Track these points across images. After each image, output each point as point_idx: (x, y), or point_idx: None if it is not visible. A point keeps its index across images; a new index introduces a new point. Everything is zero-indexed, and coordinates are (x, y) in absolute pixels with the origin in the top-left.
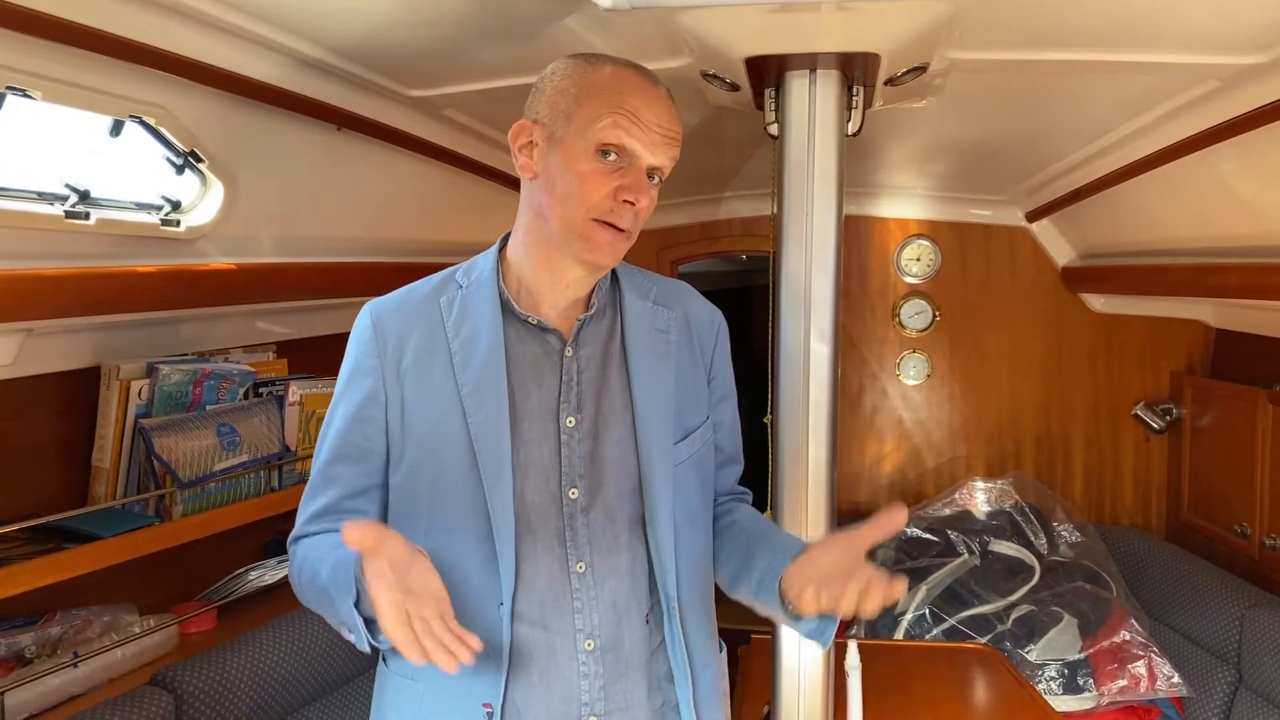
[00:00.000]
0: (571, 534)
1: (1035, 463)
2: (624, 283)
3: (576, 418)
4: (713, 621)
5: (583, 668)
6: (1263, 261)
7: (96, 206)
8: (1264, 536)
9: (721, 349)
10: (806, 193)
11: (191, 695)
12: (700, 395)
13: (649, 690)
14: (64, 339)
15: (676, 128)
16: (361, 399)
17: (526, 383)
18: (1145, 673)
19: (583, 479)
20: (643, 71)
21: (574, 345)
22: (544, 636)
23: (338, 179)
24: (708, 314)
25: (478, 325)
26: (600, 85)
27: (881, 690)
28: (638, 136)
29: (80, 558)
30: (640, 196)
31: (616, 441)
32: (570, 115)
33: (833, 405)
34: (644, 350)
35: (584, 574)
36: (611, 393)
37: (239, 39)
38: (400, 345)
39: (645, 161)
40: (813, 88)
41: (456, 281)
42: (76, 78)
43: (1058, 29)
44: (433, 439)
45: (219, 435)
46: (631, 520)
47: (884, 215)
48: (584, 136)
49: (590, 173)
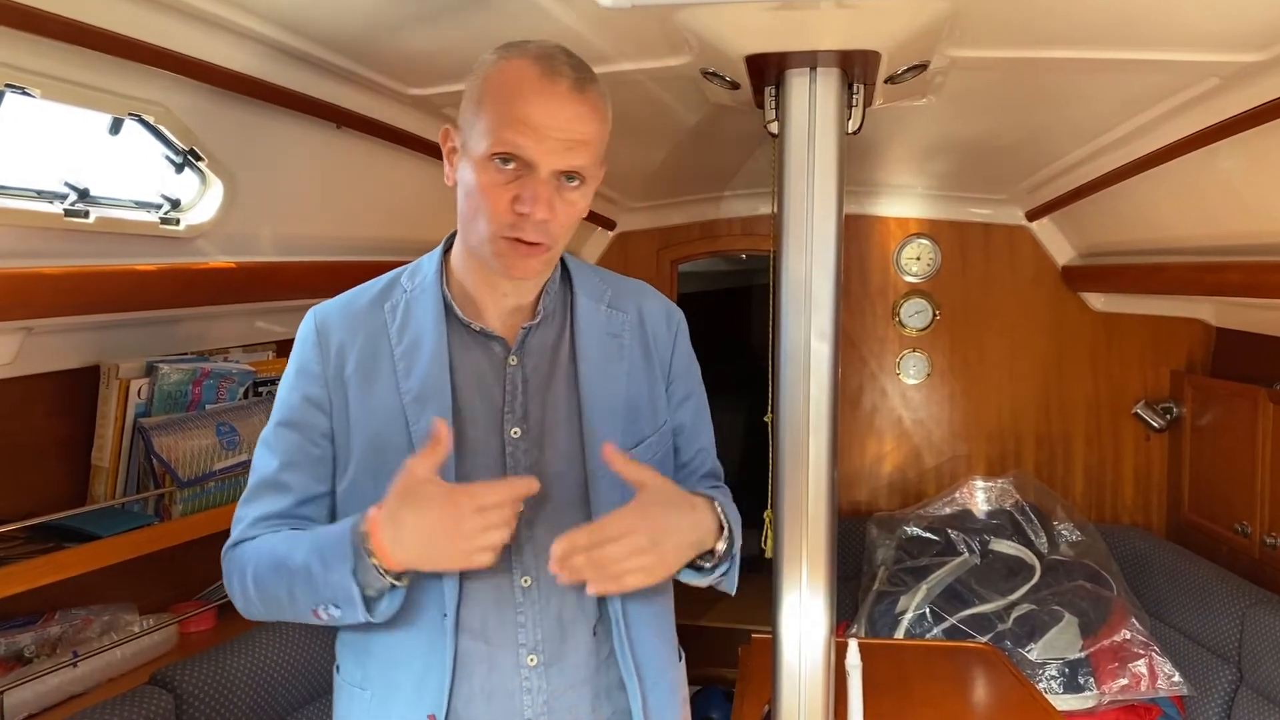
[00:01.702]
0: (517, 547)
1: (1035, 462)
2: (577, 285)
3: (521, 428)
4: (668, 629)
5: (525, 682)
6: (1263, 260)
7: (96, 205)
8: (1264, 535)
9: (681, 349)
10: (807, 191)
11: (191, 695)
12: (657, 399)
13: (594, 701)
14: (63, 338)
15: (583, 128)
16: (303, 404)
17: (470, 392)
18: (1146, 672)
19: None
20: (545, 65)
21: (519, 354)
22: (486, 650)
23: (337, 178)
24: (664, 314)
25: (421, 332)
26: (496, 87)
27: (882, 689)
28: (528, 145)
29: (79, 557)
30: (537, 208)
31: (563, 452)
32: (473, 122)
33: (833, 404)
34: (595, 356)
35: (529, 588)
36: (558, 402)
37: (239, 36)
38: (343, 352)
39: (544, 170)
40: (813, 85)
41: (402, 285)
42: (75, 75)
43: (1059, 26)
44: (375, 448)
45: (219, 434)
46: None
47: (884, 214)
48: (481, 145)
49: (489, 185)
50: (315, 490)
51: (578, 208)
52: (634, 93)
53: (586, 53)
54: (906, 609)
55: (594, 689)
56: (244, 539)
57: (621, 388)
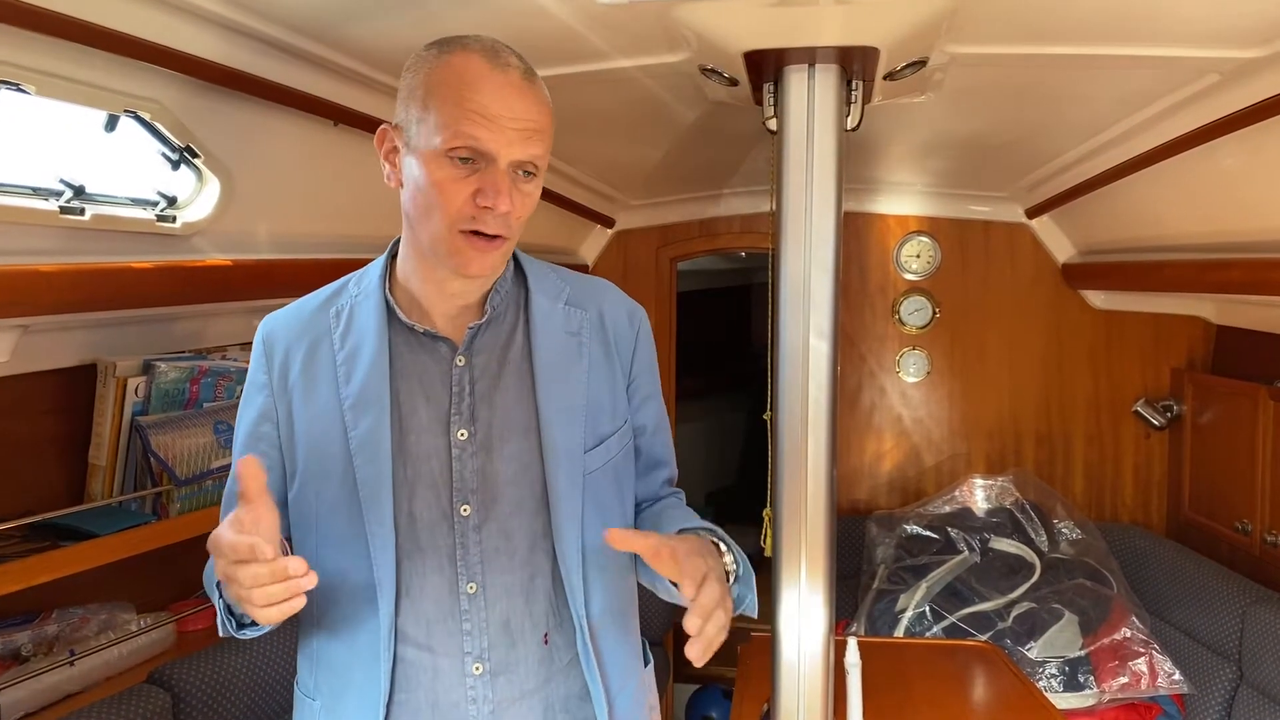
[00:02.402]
0: (463, 553)
1: (1035, 460)
2: (532, 284)
3: (469, 430)
4: (634, 636)
5: (470, 692)
6: (1264, 257)
7: (92, 202)
8: (1265, 533)
9: (643, 348)
10: (806, 188)
11: (188, 693)
12: (617, 399)
13: (545, 713)
14: (60, 336)
15: (536, 114)
16: (255, 416)
17: (415, 395)
18: (1146, 670)
19: (475, 494)
20: (492, 57)
21: (466, 354)
22: (429, 659)
23: (334, 175)
24: (626, 312)
25: (363, 337)
26: (444, 81)
27: (881, 688)
28: (486, 135)
29: (77, 556)
30: (499, 200)
31: (515, 454)
32: (420, 119)
33: (832, 403)
34: (551, 355)
35: (475, 595)
36: (509, 403)
37: (236, 32)
38: (288, 359)
39: (503, 161)
40: (811, 82)
41: (349, 290)
42: (71, 72)
43: (1058, 23)
44: (316, 455)
45: (216, 433)
46: (535, 536)
47: (883, 212)
48: (433, 141)
49: (445, 180)
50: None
51: (533, 199)
52: (632, 90)
53: (584, 49)
54: (906, 607)
55: (545, 700)
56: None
57: (581, 387)
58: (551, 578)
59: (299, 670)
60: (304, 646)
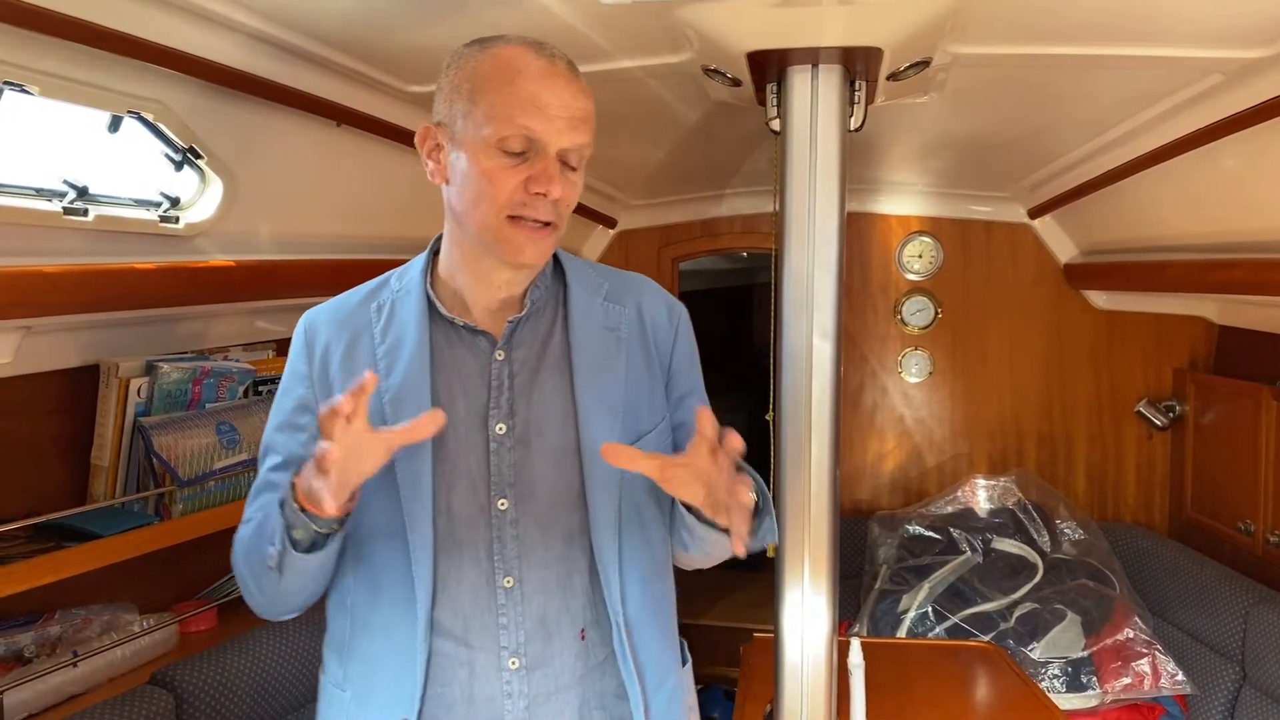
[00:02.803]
0: (500, 547)
1: (1038, 460)
2: (571, 279)
3: (507, 424)
4: (671, 635)
5: (506, 686)
6: (1266, 257)
7: (95, 203)
8: (1268, 533)
9: (682, 345)
10: (808, 189)
11: (191, 694)
12: (656, 395)
13: (581, 709)
14: (62, 337)
15: (582, 103)
16: (293, 406)
17: (454, 389)
18: (1149, 670)
19: (512, 489)
20: (536, 48)
21: (505, 348)
22: (466, 653)
23: (337, 175)
24: (665, 308)
25: (404, 331)
26: (491, 74)
27: (884, 688)
28: (538, 124)
29: (79, 556)
30: (552, 187)
31: (553, 449)
32: (467, 112)
33: (835, 403)
34: (590, 350)
35: (511, 589)
36: (548, 397)
37: (239, 33)
38: (328, 352)
39: (552, 149)
40: (815, 82)
41: (390, 285)
42: (74, 73)
43: (1061, 23)
44: None
45: (219, 433)
46: (570, 531)
47: (886, 212)
48: (483, 133)
49: (495, 170)
50: None
51: (577, 188)
52: (635, 90)
53: (587, 49)
54: (909, 608)
55: (581, 695)
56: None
57: (619, 382)
58: (588, 574)
59: (326, 661)
60: (333, 637)
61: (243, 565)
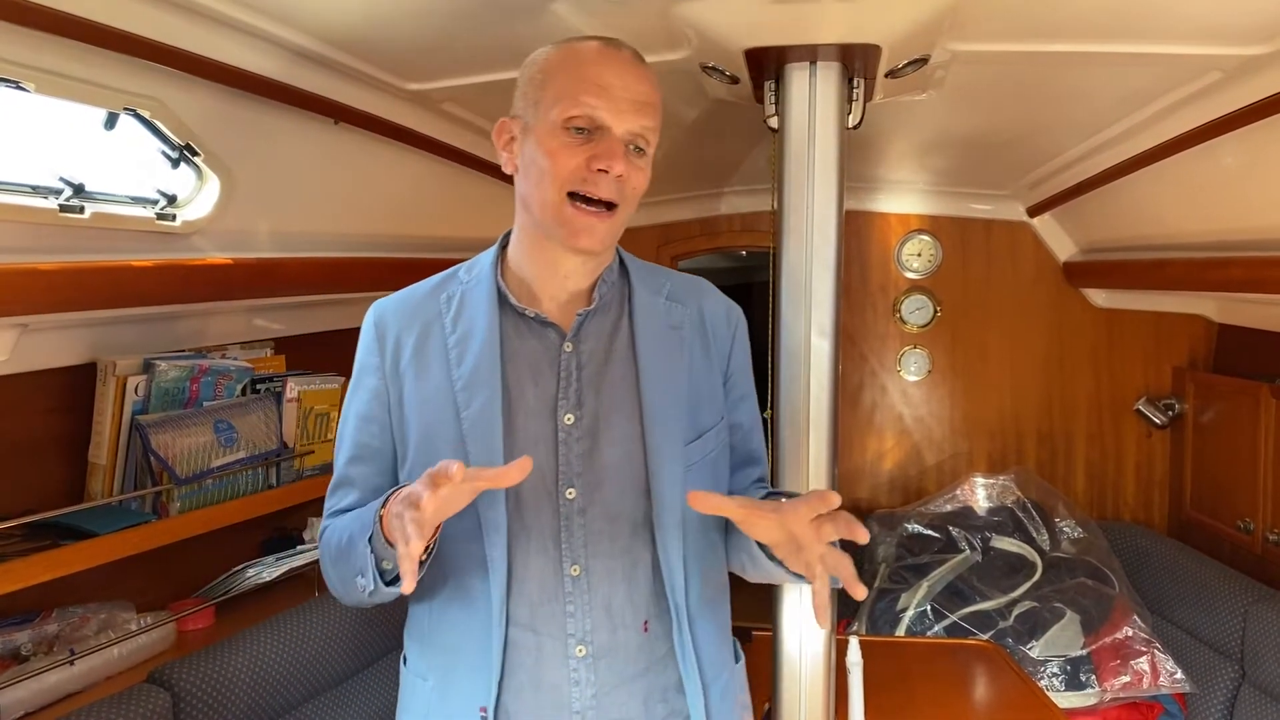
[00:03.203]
0: (567, 535)
1: (1037, 458)
2: (635, 278)
3: (575, 415)
4: (726, 631)
5: (573, 674)
6: (1266, 255)
7: (91, 200)
8: (1267, 532)
9: (740, 347)
10: (807, 186)
11: (188, 693)
12: (715, 395)
13: (646, 700)
14: (60, 334)
15: (648, 90)
16: (367, 398)
17: (523, 379)
18: (1148, 669)
19: (580, 478)
20: (607, 39)
21: (574, 340)
22: (534, 640)
23: (335, 173)
24: (725, 310)
25: (474, 321)
26: (561, 63)
27: (883, 687)
28: (602, 104)
29: (77, 555)
30: (614, 163)
31: (619, 440)
32: (537, 100)
33: (833, 402)
34: (654, 347)
35: (578, 577)
36: (615, 390)
37: (235, 31)
38: (399, 342)
39: (616, 130)
40: (813, 80)
41: (459, 278)
42: (70, 70)
43: (1060, 20)
44: (428, 435)
45: (216, 432)
46: (635, 523)
47: (885, 210)
48: (550, 115)
49: (559, 148)
50: (377, 483)
51: (644, 175)
52: None
53: None
54: (908, 606)
55: (645, 687)
56: (325, 527)
57: (683, 379)
58: (651, 567)
59: (407, 652)
60: (414, 628)
61: (330, 570)
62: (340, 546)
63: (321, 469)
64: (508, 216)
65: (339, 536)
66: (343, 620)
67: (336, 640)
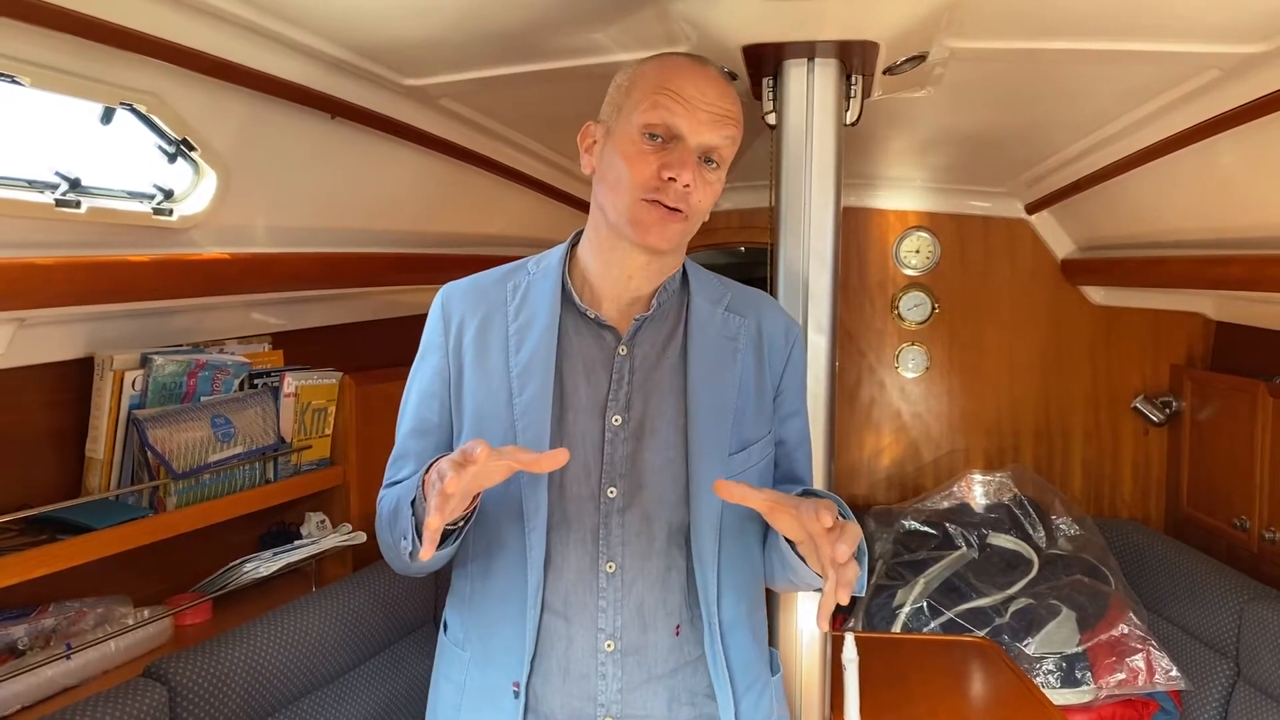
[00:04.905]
0: (605, 532)
1: (1034, 456)
2: (695, 287)
3: (623, 416)
4: (762, 643)
5: (601, 667)
6: (1264, 253)
7: (88, 195)
8: (1263, 530)
9: (795, 365)
10: (804, 183)
11: (185, 687)
12: (764, 409)
13: (670, 702)
14: (56, 329)
15: (728, 105)
16: (430, 375)
17: (577, 375)
18: (1143, 666)
19: (623, 479)
20: (692, 55)
21: (629, 344)
22: (565, 627)
23: (332, 169)
24: (783, 326)
25: (536, 311)
26: (647, 72)
27: (879, 683)
28: (680, 113)
29: (73, 549)
30: (683, 172)
31: (663, 446)
32: (621, 105)
33: (831, 398)
34: (706, 356)
35: (613, 574)
36: (663, 396)
37: (231, 25)
38: (463, 324)
39: (692, 140)
40: (811, 76)
41: (527, 269)
42: (66, 64)
43: (1058, 17)
44: (481, 416)
45: (213, 427)
46: (673, 528)
47: (883, 207)
48: (630, 122)
49: (635, 154)
50: (434, 457)
51: (715, 189)
52: None
53: (580, 44)
54: (904, 603)
55: (671, 688)
56: (382, 496)
57: (732, 391)
58: (686, 573)
59: (447, 621)
60: (456, 597)
61: (385, 533)
62: (390, 511)
63: (319, 464)
64: (505, 212)
65: (390, 503)
66: (340, 615)
67: (334, 635)
